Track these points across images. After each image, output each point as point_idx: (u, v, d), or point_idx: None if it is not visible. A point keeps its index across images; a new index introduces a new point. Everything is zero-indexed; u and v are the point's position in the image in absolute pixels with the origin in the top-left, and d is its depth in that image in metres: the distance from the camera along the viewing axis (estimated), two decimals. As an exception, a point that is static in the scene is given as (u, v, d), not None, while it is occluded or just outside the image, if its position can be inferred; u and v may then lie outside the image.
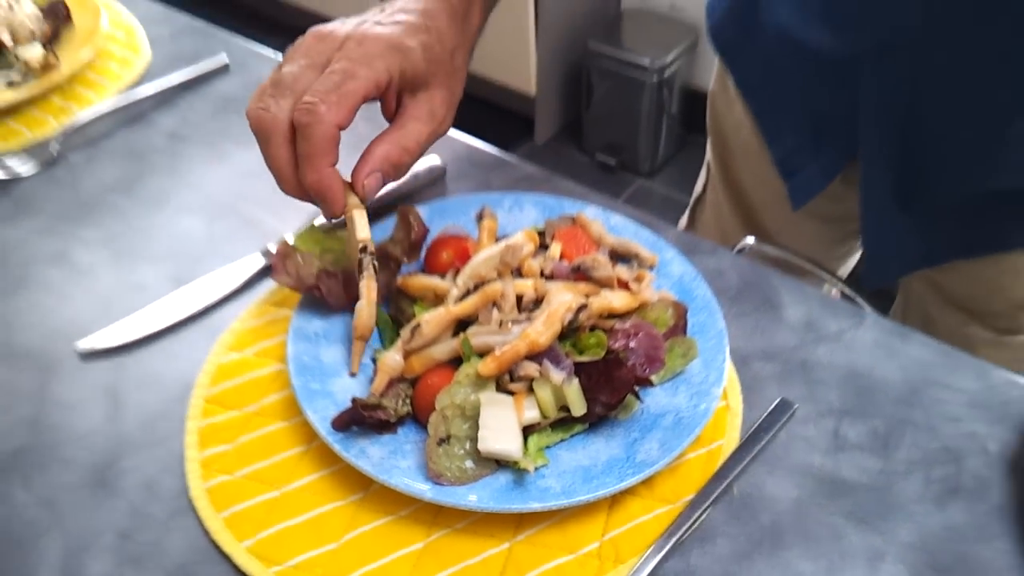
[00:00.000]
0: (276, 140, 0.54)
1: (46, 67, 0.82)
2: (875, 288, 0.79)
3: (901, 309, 0.91)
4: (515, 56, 2.27)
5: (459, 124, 0.78)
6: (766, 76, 0.81)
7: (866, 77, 0.68)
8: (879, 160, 0.72)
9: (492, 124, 2.45)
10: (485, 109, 2.48)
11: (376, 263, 0.57)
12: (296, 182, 0.55)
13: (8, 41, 0.82)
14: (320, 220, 0.65)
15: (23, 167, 0.75)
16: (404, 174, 0.58)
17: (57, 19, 0.87)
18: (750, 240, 0.83)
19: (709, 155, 0.96)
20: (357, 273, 0.56)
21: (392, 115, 0.58)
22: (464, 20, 0.61)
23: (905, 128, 0.69)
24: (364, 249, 0.56)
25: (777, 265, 0.71)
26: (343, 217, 0.56)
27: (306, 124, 0.52)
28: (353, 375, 0.56)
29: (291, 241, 0.60)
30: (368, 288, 0.56)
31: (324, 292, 0.58)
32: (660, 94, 2.21)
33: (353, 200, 0.56)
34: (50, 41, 0.85)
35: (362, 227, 0.56)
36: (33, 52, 0.82)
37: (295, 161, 0.54)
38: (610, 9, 2.40)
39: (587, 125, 2.39)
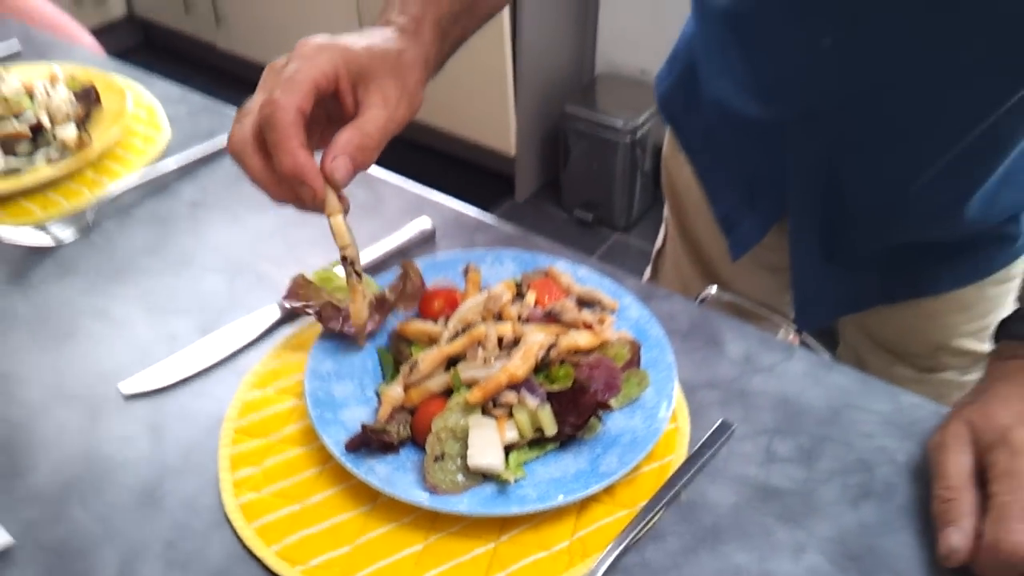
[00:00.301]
0: (247, 151, 0.56)
1: (80, 145, 0.91)
2: (808, 331, 0.88)
3: (843, 351, 1.01)
4: (496, 119, 2.36)
5: (445, 185, 0.87)
6: (707, 141, 0.89)
7: (791, 142, 0.78)
8: (805, 215, 0.81)
9: (475, 184, 2.56)
10: (468, 169, 2.58)
11: (358, 270, 0.60)
12: (279, 184, 0.57)
13: (47, 122, 0.92)
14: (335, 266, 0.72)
15: (64, 233, 0.84)
16: (370, 161, 0.59)
17: (89, 102, 0.96)
18: (712, 290, 0.93)
19: (667, 211, 1.05)
20: (347, 280, 0.62)
21: (352, 116, 0.60)
22: (414, 34, 0.62)
23: (826, 186, 0.78)
24: (345, 259, 0.60)
25: (737, 312, 0.79)
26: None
27: (268, 115, 0.54)
28: (360, 346, 0.67)
29: (308, 276, 0.69)
30: (353, 292, 0.62)
31: (323, 319, 0.66)
32: (633, 153, 2.30)
33: (332, 206, 0.58)
34: (83, 121, 0.94)
35: (340, 234, 0.59)
36: (69, 132, 0.91)
37: (272, 167, 0.56)
38: (585, 74, 2.51)
39: (565, 183, 2.47)
